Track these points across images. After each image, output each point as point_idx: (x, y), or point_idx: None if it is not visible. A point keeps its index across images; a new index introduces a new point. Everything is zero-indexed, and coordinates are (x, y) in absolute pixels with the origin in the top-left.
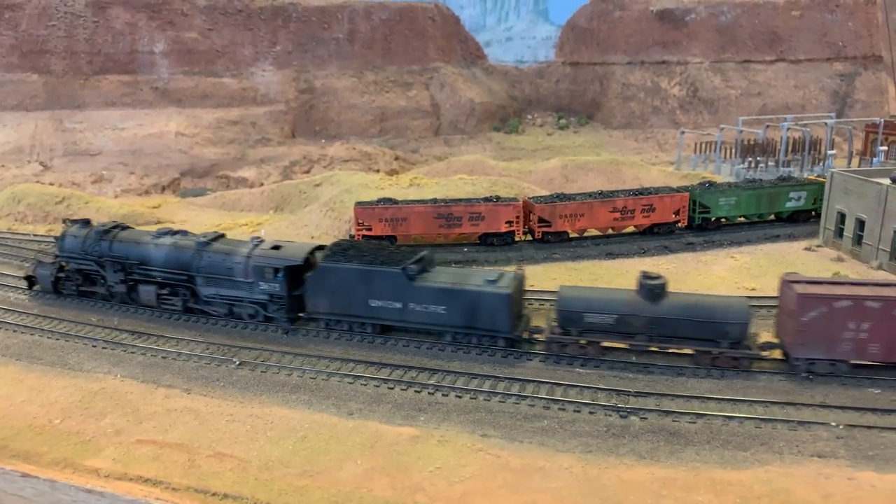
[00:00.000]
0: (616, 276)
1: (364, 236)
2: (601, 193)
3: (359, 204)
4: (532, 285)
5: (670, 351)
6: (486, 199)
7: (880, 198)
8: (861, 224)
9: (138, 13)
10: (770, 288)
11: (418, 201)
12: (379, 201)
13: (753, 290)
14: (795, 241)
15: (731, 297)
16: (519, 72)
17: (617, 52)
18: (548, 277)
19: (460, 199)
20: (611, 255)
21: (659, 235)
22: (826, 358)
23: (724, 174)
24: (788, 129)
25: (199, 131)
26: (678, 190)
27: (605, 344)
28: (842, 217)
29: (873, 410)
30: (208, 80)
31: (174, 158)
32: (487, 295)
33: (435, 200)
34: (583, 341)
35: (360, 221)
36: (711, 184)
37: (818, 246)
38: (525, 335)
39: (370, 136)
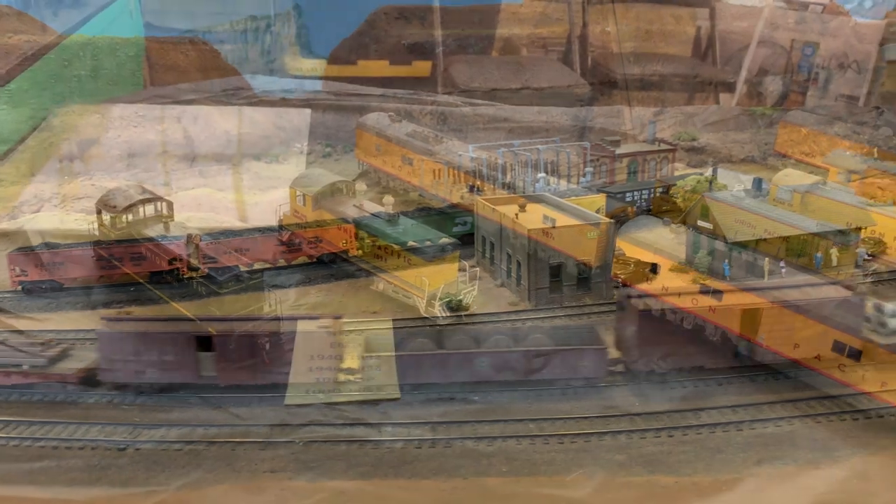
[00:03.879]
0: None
1: (21, 282)
2: (270, 228)
3: (14, 250)
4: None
5: None
6: (149, 239)
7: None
8: (493, 245)
9: None
10: None
11: (78, 245)
12: (38, 246)
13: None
14: (457, 261)
15: None
16: (286, 102)
17: (373, 83)
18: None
19: (123, 240)
20: (277, 287)
21: (330, 264)
22: None
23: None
24: (516, 153)
25: None
26: (346, 221)
27: None
28: (483, 240)
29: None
30: None
31: None
32: None
33: (98, 243)
34: None
35: (16, 268)
36: (378, 213)
37: (472, 266)
38: None
39: (117, 171)
